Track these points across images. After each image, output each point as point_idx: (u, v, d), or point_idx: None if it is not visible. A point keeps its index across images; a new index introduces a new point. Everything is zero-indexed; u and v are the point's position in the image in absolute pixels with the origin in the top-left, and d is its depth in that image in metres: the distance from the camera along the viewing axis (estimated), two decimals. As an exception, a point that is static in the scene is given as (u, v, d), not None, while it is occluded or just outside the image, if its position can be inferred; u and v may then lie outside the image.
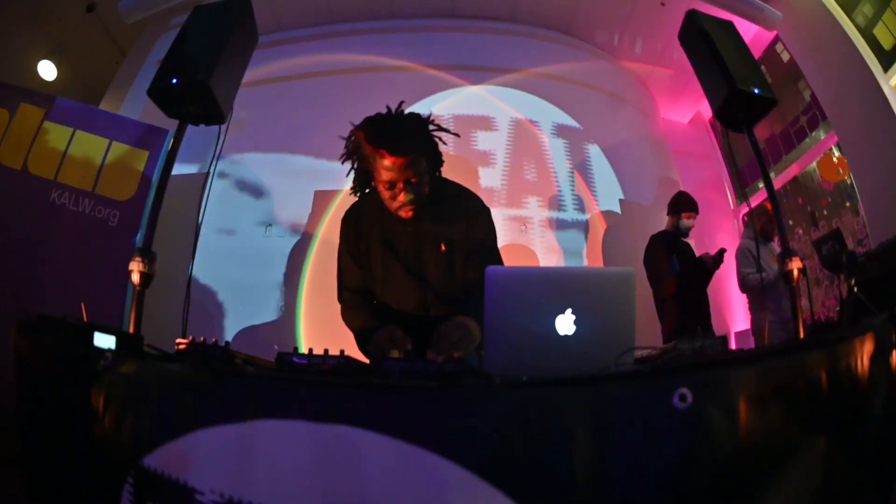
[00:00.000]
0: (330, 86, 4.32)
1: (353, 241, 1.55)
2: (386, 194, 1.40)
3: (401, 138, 1.34)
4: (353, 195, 1.56)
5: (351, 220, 1.57)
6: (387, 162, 1.32)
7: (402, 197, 1.38)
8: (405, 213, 1.42)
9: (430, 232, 1.50)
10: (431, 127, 1.45)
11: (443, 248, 1.49)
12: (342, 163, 1.49)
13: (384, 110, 1.45)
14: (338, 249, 1.60)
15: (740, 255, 3.23)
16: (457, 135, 1.53)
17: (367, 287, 1.57)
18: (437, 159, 1.49)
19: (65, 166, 3.08)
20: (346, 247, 1.57)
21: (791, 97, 4.37)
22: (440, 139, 1.47)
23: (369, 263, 1.55)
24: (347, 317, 1.59)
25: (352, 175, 1.53)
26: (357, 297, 1.58)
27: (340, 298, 1.61)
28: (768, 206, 3.38)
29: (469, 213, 1.54)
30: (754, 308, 3.29)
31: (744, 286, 3.22)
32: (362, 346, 1.49)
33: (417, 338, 1.35)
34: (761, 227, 3.32)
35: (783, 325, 3.00)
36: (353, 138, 1.43)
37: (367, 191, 1.54)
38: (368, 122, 1.41)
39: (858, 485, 0.66)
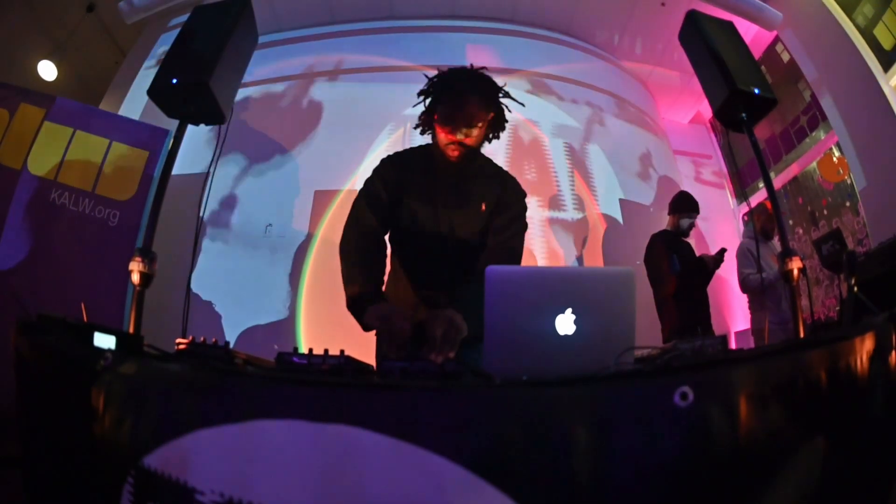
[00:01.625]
0: (329, 86, 4.32)
1: (392, 174, 1.56)
2: (443, 128, 1.48)
3: (467, 111, 1.46)
4: (416, 129, 1.64)
5: (395, 160, 1.61)
6: (460, 107, 1.44)
7: (456, 135, 1.46)
8: (452, 151, 1.48)
9: (473, 192, 1.56)
10: (501, 94, 1.55)
11: (483, 207, 1.55)
12: (418, 96, 1.56)
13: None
14: (358, 193, 1.58)
15: (741, 255, 3.23)
16: (522, 104, 1.61)
17: (376, 233, 1.55)
18: (500, 121, 1.57)
19: (65, 166, 3.08)
20: (380, 178, 1.56)
21: (791, 97, 4.37)
22: (506, 107, 1.57)
23: (398, 207, 1.55)
24: (345, 265, 1.49)
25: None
26: (362, 243, 1.51)
27: (354, 215, 1.55)
28: (768, 205, 3.38)
29: (510, 189, 1.62)
30: (754, 308, 3.29)
31: (744, 287, 3.22)
32: (356, 314, 1.42)
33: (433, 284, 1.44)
34: (761, 225, 3.32)
35: (783, 325, 3.00)
36: (435, 80, 1.53)
37: (424, 132, 1.60)
38: (444, 85, 1.51)
39: (857, 484, 0.66)
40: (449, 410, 0.65)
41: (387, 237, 1.63)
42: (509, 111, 1.57)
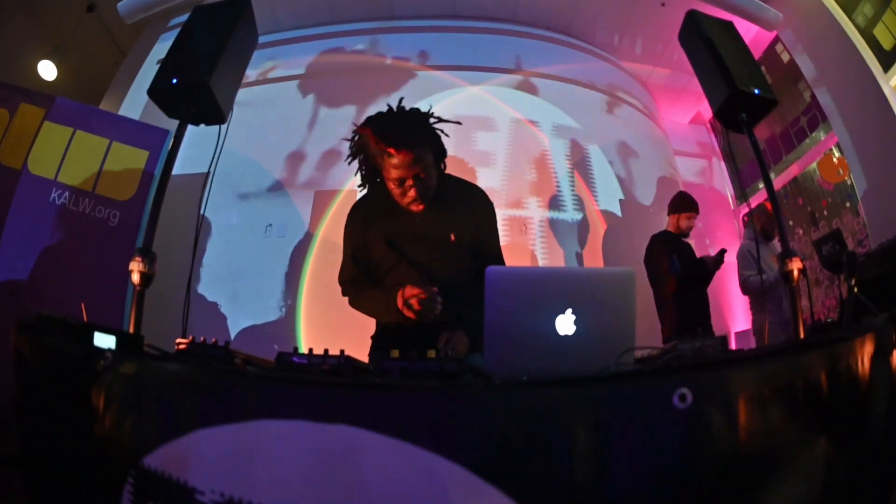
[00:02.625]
0: (330, 86, 4.32)
1: (357, 235, 1.56)
2: (396, 191, 1.43)
3: (405, 134, 1.37)
4: (359, 188, 1.59)
5: (358, 213, 1.59)
6: (395, 160, 1.36)
7: (412, 193, 1.42)
8: (416, 207, 1.46)
9: (439, 223, 1.52)
10: (432, 120, 1.47)
11: (452, 238, 1.52)
12: (348, 163, 1.51)
13: (385, 109, 1.48)
14: (343, 242, 1.62)
15: (741, 257, 3.23)
16: (458, 123, 1.54)
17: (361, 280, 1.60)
18: (441, 151, 1.51)
19: (65, 166, 3.08)
20: (348, 242, 1.59)
21: (791, 98, 4.37)
22: (442, 131, 1.50)
23: (371, 260, 1.55)
24: (356, 304, 1.60)
25: (357, 174, 1.56)
26: (355, 286, 1.60)
27: (343, 293, 1.63)
28: (768, 206, 3.38)
29: (477, 205, 1.59)
30: (755, 309, 3.29)
31: (745, 288, 3.22)
32: (383, 314, 1.53)
33: (418, 336, 1.36)
34: (762, 226, 3.32)
35: (783, 325, 3.00)
36: (357, 137, 1.46)
37: (378, 181, 1.53)
38: (372, 120, 1.43)
39: (859, 486, 0.66)
40: (449, 410, 0.65)
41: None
42: (447, 135, 1.51)
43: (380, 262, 1.54)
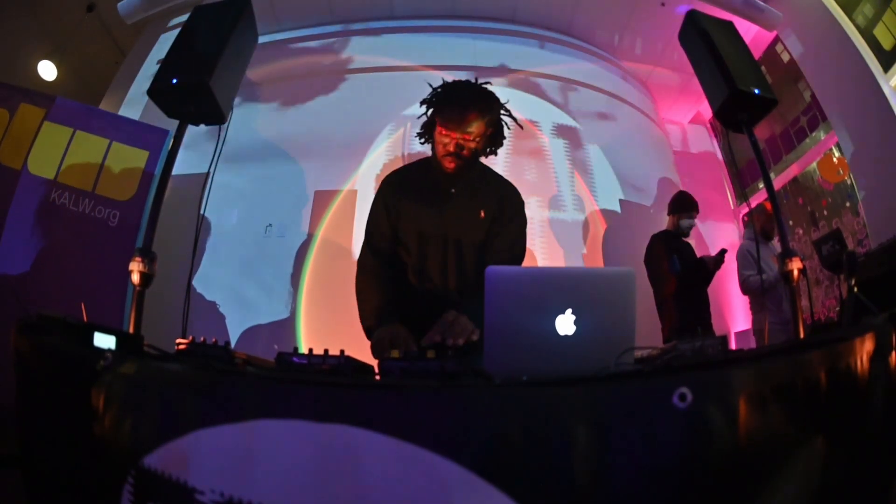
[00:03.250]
0: (330, 86, 4.32)
1: (392, 201, 1.60)
2: (441, 143, 1.51)
3: (473, 97, 1.50)
4: (417, 139, 1.66)
5: (393, 178, 1.66)
6: (455, 117, 1.48)
7: (451, 147, 1.49)
8: (449, 163, 1.51)
9: (471, 198, 1.60)
10: (502, 111, 1.58)
11: (482, 214, 1.59)
12: (421, 105, 1.60)
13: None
14: (370, 208, 1.65)
15: (741, 257, 3.23)
16: (521, 126, 1.66)
17: (392, 254, 1.61)
18: (497, 134, 1.60)
19: (65, 166, 3.08)
20: (382, 202, 1.62)
21: (791, 97, 4.37)
22: (506, 124, 1.59)
23: (403, 223, 1.59)
24: (362, 286, 1.57)
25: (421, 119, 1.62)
26: (377, 265, 1.59)
27: (361, 260, 1.62)
28: (768, 205, 3.38)
29: (508, 195, 1.66)
30: (755, 309, 3.29)
31: (745, 288, 3.22)
32: (368, 335, 1.52)
33: (436, 312, 1.41)
34: (762, 226, 3.32)
35: (783, 325, 3.00)
36: (439, 90, 1.56)
37: (434, 136, 1.59)
38: (446, 93, 1.54)
39: (857, 485, 0.66)
40: (449, 410, 0.65)
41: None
42: (509, 128, 1.60)
43: (406, 240, 1.58)
